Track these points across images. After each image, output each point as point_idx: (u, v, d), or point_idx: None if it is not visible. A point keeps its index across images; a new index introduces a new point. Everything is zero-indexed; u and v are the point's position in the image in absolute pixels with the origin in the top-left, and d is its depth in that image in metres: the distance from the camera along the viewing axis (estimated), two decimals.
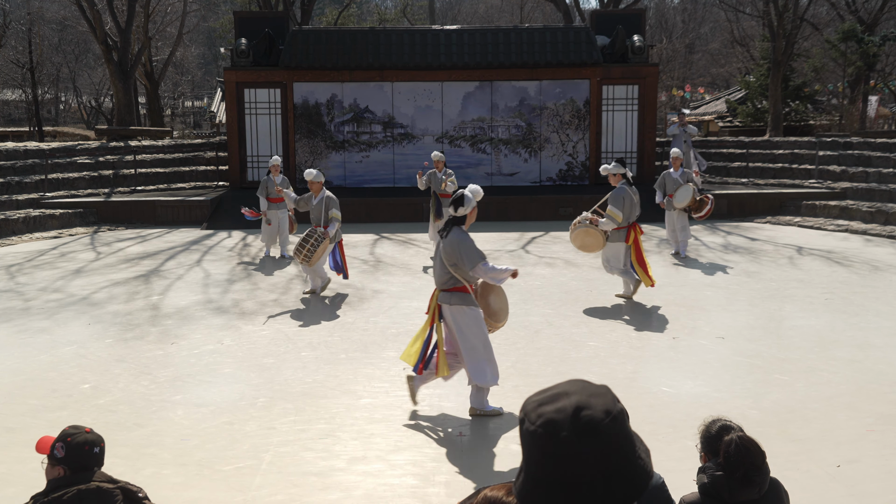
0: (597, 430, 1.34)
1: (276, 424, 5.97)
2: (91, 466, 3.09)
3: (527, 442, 1.39)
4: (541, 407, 1.39)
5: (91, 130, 35.71)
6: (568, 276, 11.26)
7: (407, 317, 9.08)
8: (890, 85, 29.83)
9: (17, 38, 35.65)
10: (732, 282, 10.76)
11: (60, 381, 6.95)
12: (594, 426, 1.34)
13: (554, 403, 1.38)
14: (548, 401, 1.40)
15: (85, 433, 3.14)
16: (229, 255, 13.26)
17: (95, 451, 3.12)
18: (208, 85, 54.13)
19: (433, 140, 18.61)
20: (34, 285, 10.92)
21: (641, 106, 18.77)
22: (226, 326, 8.76)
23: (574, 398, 1.38)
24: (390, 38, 18.68)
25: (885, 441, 5.56)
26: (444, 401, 6.43)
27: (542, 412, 1.38)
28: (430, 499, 4.83)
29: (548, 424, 1.35)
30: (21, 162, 17.87)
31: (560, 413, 1.36)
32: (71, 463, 3.07)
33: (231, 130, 18.75)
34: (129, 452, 5.41)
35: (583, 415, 1.35)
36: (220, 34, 39.90)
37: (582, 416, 1.35)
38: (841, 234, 14.95)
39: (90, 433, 3.16)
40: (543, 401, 1.41)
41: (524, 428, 1.39)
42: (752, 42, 33.20)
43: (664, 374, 7.00)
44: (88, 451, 3.09)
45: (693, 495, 3.06)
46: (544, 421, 1.36)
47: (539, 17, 44.80)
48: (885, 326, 8.50)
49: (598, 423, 1.34)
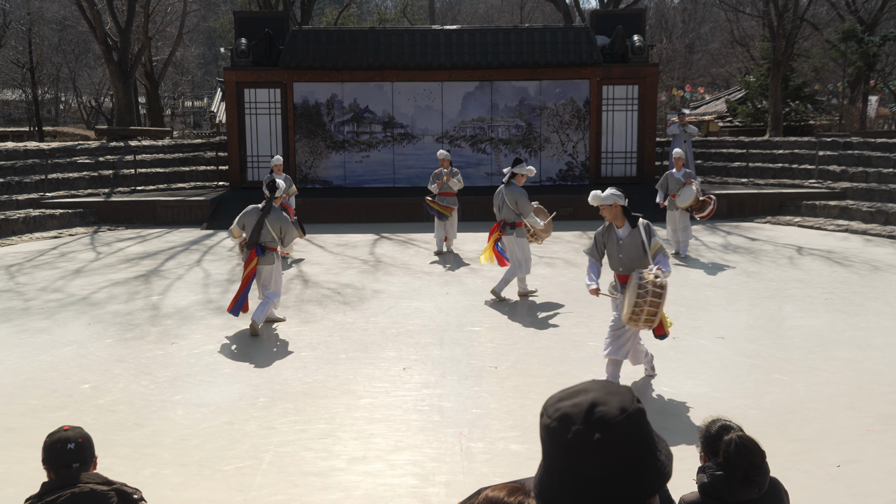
0: (609, 426, 1.37)
1: (276, 424, 5.97)
2: (69, 464, 3.02)
3: (544, 436, 1.44)
4: (559, 402, 1.44)
5: (91, 130, 35.71)
6: (568, 276, 11.26)
7: (407, 317, 9.08)
8: (890, 85, 29.84)
9: (17, 38, 35.65)
10: (732, 282, 10.76)
11: (60, 381, 6.95)
12: (607, 421, 1.37)
13: (572, 399, 1.43)
14: (567, 397, 1.45)
15: (61, 431, 3.09)
16: (229, 255, 13.25)
17: (70, 448, 3.04)
18: (208, 85, 54.13)
19: (433, 140, 18.61)
20: (34, 285, 10.92)
21: (641, 106, 18.76)
22: (226, 326, 8.76)
23: (592, 395, 1.43)
24: (390, 38, 18.68)
25: (885, 441, 5.56)
26: (444, 401, 6.43)
27: (559, 407, 1.43)
28: (430, 499, 4.83)
29: (563, 418, 1.40)
30: (21, 162, 17.87)
31: (576, 408, 1.41)
32: (50, 463, 3.05)
33: (231, 130, 18.75)
34: (129, 452, 5.41)
35: (597, 410, 1.39)
36: (220, 34, 39.89)
37: (596, 412, 1.39)
38: (841, 234, 14.95)
39: (67, 430, 3.09)
40: (563, 397, 1.46)
41: (542, 422, 1.44)
42: (752, 42, 33.18)
43: (664, 374, 7.00)
44: (61, 449, 3.03)
45: (693, 495, 3.06)
46: (560, 415, 1.41)
47: (539, 17, 44.80)
48: (885, 326, 8.50)
49: (612, 418, 1.38)
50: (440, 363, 7.39)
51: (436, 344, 8.00)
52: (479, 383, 6.83)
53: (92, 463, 3.12)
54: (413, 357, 7.59)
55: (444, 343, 8.03)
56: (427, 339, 8.16)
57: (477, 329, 8.54)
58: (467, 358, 7.53)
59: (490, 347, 7.86)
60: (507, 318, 8.96)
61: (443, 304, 9.66)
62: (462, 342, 8.05)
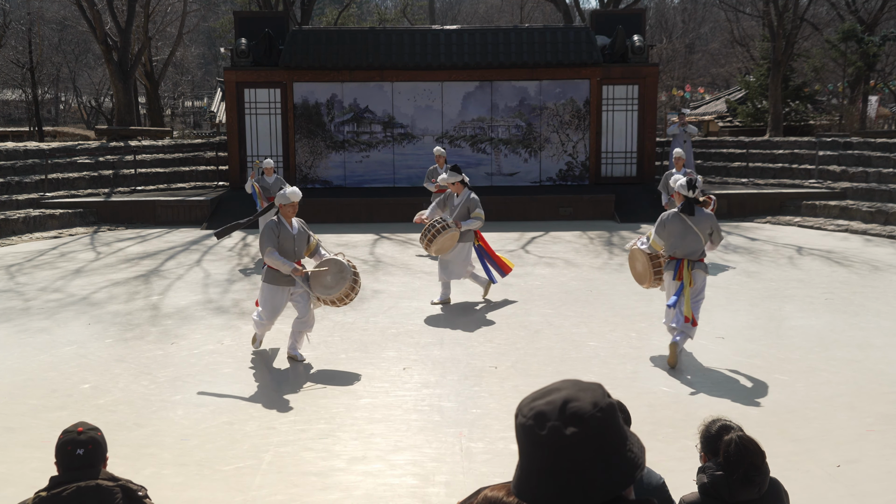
0: (582, 420, 1.41)
1: (276, 424, 5.97)
2: (75, 467, 3.01)
3: (519, 435, 1.48)
4: (533, 402, 1.48)
5: (91, 130, 35.68)
6: (568, 276, 11.26)
7: (407, 317, 9.08)
8: (890, 85, 29.83)
9: (17, 38, 35.62)
10: (732, 282, 10.76)
11: (60, 381, 6.95)
12: (580, 416, 1.42)
13: (545, 398, 1.47)
14: (540, 396, 1.49)
15: (75, 433, 3.07)
16: (229, 255, 13.26)
17: (79, 453, 3.01)
18: (208, 85, 54.10)
19: (433, 140, 18.60)
20: (34, 285, 10.92)
21: (641, 106, 18.77)
22: (226, 326, 8.77)
23: (564, 393, 1.47)
24: (390, 38, 18.68)
25: (885, 441, 5.56)
26: (444, 401, 6.44)
27: (533, 406, 1.47)
28: (430, 499, 4.83)
29: (538, 416, 1.44)
30: (21, 162, 17.87)
31: (549, 405, 1.45)
32: (59, 463, 3.05)
33: (231, 130, 18.75)
34: (129, 452, 5.41)
35: (570, 406, 1.43)
36: (220, 34, 39.88)
37: (569, 408, 1.43)
38: (841, 234, 14.95)
39: (81, 433, 3.07)
40: (536, 397, 1.50)
41: (518, 422, 1.48)
42: (752, 42, 33.18)
43: (664, 374, 7.01)
44: (70, 452, 3.02)
45: (693, 495, 3.06)
46: (535, 413, 1.45)
47: (539, 17, 44.79)
48: (885, 326, 8.50)
49: (585, 413, 1.42)
50: (440, 363, 7.39)
51: (436, 344, 8.00)
52: (479, 383, 6.83)
53: (102, 464, 3.10)
54: (413, 357, 7.59)
55: (444, 343, 8.03)
56: (427, 339, 8.16)
57: (477, 329, 8.54)
58: (467, 358, 7.53)
59: (490, 347, 7.86)
60: (507, 319, 8.96)
61: (443, 304, 9.66)
62: (462, 342, 8.05)
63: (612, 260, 12.48)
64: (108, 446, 3.23)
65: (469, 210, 9.33)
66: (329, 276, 7.39)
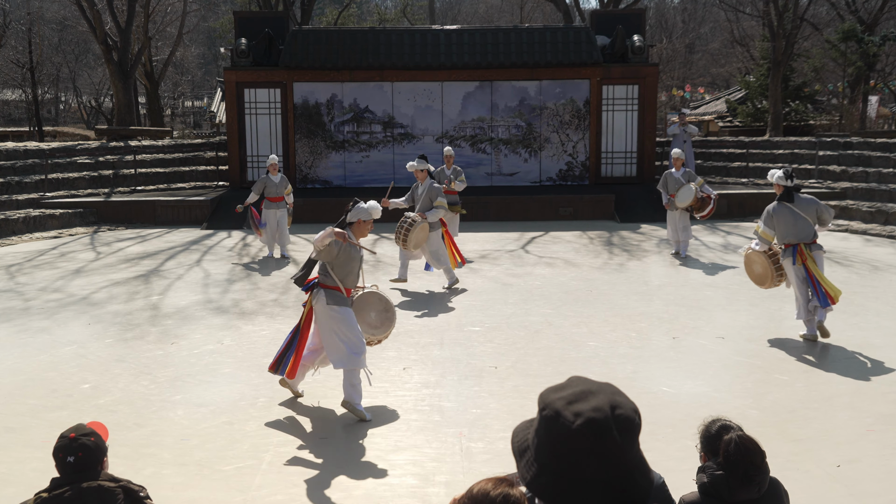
0: (632, 428, 1.39)
1: (276, 424, 5.97)
2: (70, 473, 2.99)
3: (561, 439, 1.39)
4: (573, 405, 1.40)
5: (91, 130, 35.69)
6: (568, 276, 11.26)
7: (407, 317, 9.07)
8: (890, 85, 29.82)
9: (17, 38, 35.63)
10: (732, 282, 10.76)
11: (60, 381, 6.95)
12: (630, 424, 1.39)
13: (586, 402, 1.40)
14: (577, 399, 1.41)
15: (67, 439, 3.04)
16: (229, 255, 13.26)
17: (69, 461, 2.98)
18: (208, 85, 54.10)
19: (433, 140, 18.61)
20: (34, 285, 10.92)
21: (641, 106, 18.77)
22: (226, 326, 8.76)
23: (602, 397, 1.41)
24: (390, 38, 18.68)
25: (885, 441, 5.56)
26: (444, 401, 6.43)
27: (578, 411, 1.39)
28: (430, 499, 4.83)
29: (591, 424, 1.37)
30: (21, 162, 17.87)
31: (598, 412, 1.38)
32: (56, 465, 3.05)
33: (231, 130, 18.76)
34: (129, 452, 5.41)
35: (618, 413, 1.38)
36: (220, 34, 39.89)
37: (618, 415, 1.38)
38: (841, 234, 14.95)
39: (73, 438, 3.03)
40: (571, 398, 1.41)
41: (559, 423, 1.39)
42: (752, 42, 33.18)
43: (664, 374, 7.00)
44: (62, 459, 3.01)
45: (693, 495, 3.06)
46: (586, 420, 1.37)
47: (539, 17, 44.77)
48: (885, 326, 8.51)
49: (632, 421, 1.39)
50: (440, 363, 7.39)
51: (436, 344, 8.00)
52: (479, 383, 6.83)
53: (99, 466, 3.08)
54: (413, 357, 7.59)
55: (444, 343, 8.03)
56: (427, 339, 8.16)
57: (477, 329, 8.54)
58: (467, 358, 7.53)
59: (490, 347, 7.86)
60: (507, 319, 8.96)
61: (443, 304, 9.66)
62: (462, 342, 8.04)
63: (612, 260, 12.48)
64: (109, 446, 3.23)
65: (431, 199, 10.16)
66: (374, 312, 6.36)
